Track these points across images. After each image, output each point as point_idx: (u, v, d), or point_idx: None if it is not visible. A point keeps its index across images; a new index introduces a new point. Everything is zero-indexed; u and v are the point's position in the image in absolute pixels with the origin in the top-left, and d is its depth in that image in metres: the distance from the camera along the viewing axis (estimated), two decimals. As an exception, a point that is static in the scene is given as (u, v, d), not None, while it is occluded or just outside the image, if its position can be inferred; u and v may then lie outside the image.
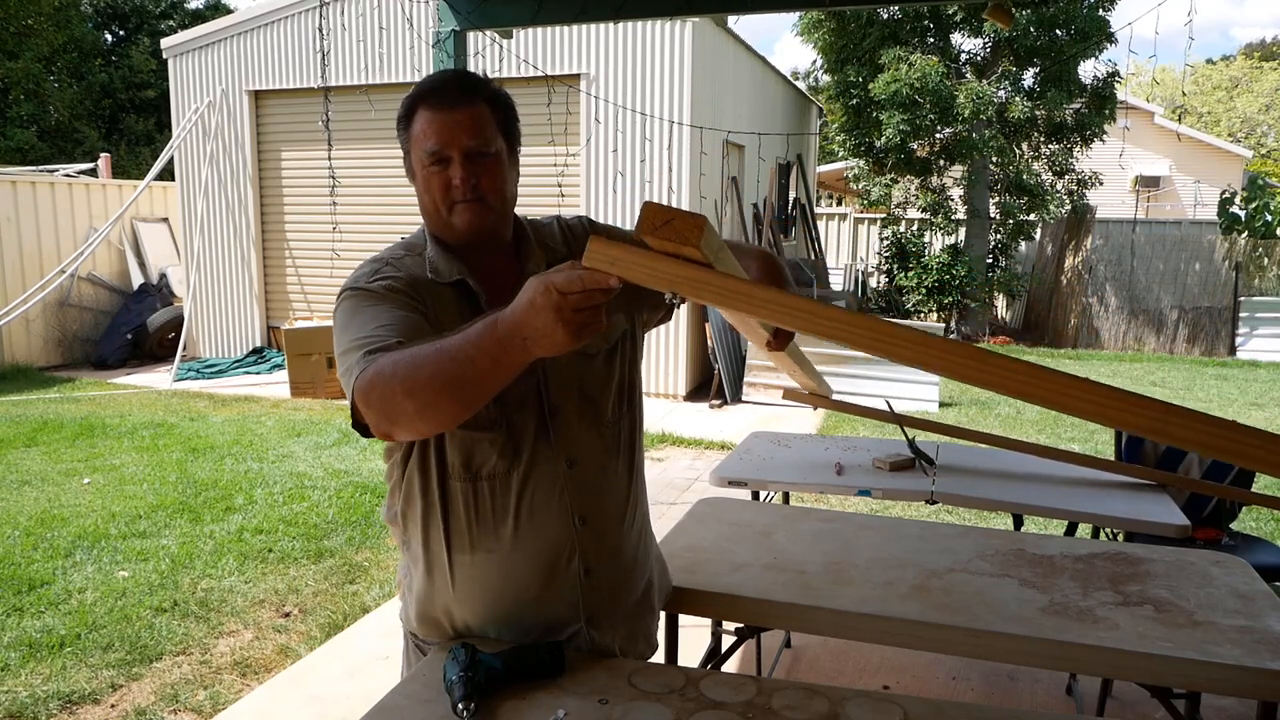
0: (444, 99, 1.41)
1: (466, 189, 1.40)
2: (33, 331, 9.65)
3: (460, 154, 1.40)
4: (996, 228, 13.20)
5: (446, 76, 1.47)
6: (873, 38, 12.41)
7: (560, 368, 1.48)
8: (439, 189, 1.42)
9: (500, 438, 1.44)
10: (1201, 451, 1.00)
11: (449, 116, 1.40)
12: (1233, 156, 20.00)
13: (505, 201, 1.46)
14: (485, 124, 1.42)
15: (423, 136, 1.41)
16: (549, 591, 1.51)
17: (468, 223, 1.43)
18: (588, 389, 1.51)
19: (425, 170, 1.42)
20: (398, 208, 9.10)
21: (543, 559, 1.49)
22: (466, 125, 1.40)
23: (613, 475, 1.56)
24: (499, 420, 1.44)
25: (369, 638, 3.49)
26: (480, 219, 1.43)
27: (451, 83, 1.44)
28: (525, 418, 1.45)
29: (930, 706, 1.46)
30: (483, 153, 1.41)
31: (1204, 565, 2.04)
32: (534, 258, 1.50)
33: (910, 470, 3.00)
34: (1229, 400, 8.61)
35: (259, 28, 9.47)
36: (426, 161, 1.41)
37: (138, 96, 20.90)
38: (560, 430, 1.48)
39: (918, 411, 7.80)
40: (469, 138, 1.40)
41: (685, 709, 1.42)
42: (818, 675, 3.12)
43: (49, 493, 5.27)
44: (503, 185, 1.45)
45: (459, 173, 1.40)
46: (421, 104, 1.42)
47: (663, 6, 4.11)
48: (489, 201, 1.43)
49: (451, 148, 1.40)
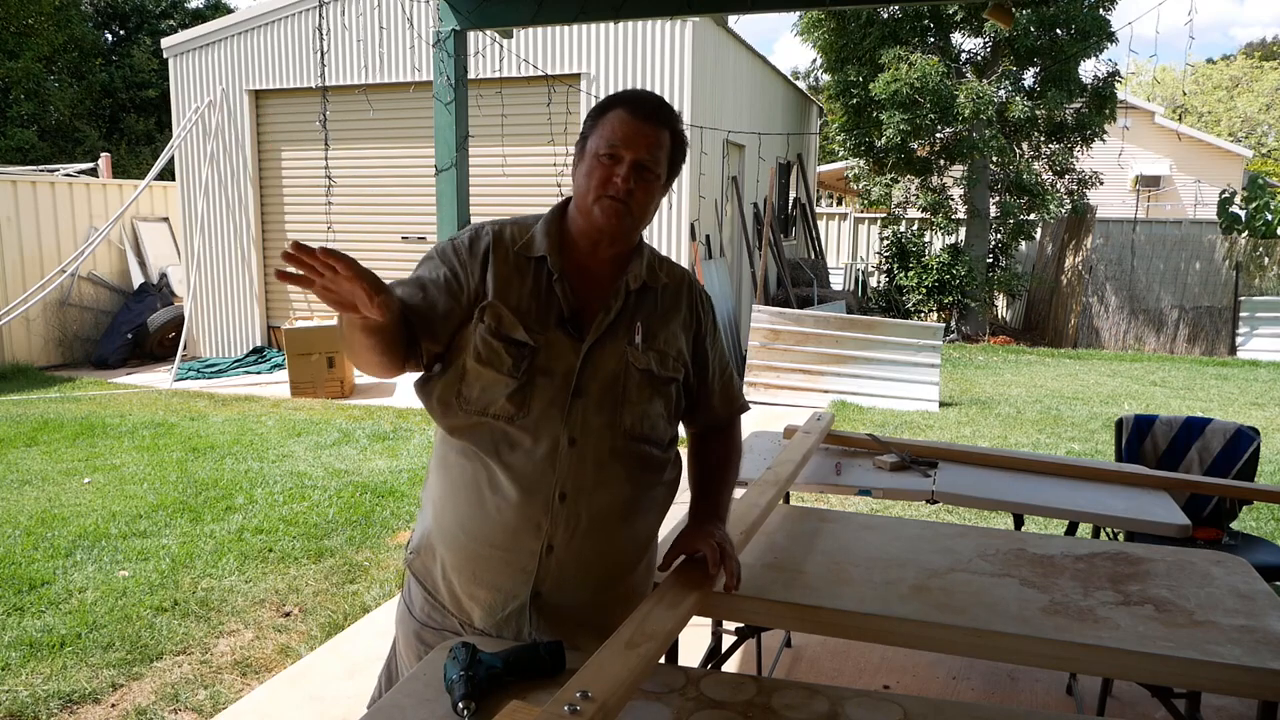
0: (641, 111, 1.56)
1: (624, 189, 1.53)
2: (33, 331, 9.65)
3: (632, 159, 1.54)
4: (997, 227, 13.20)
5: (652, 95, 1.62)
6: (873, 37, 12.41)
7: (603, 362, 1.58)
8: (599, 179, 1.55)
9: (515, 385, 1.54)
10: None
11: (639, 126, 1.55)
12: (1233, 156, 19.99)
13: (644, 216, 1.60)
14: (663, 147, 1.58)
15: (609, 131, 1.55)
16: (509, 552, 1.57)
17: (606, 218, 1.56)
18: (619, 392, 1.58)
19: (596, 158, 1.55)
20: (399, 207, 9.10)
21: (515, 517, 1.55)
22: (650, 140, 1.55)
23: (611, 477, 1.58)
24: (521, 372, 1.54)
25: (369, 638, 3.49)
26: (619, 220, 1.56)
27: (653, 101, 1.60)
28: (547, 383, 1.55)
29: (930, 706, 1.46)
30: (649, 169, 1.56)
31: (1204, 565, 2.04)
32: (635, 271, 1.63)
33: (910, 470, 3.00)
34: (1229, 400, 8.61)
35: (259, 27, 9.47)
36: (602, 150, 1.54)
37: (138, 96, 20.89)
38: (576, 410, 1.55)
39: (918, 411, 7.80)
40: (646, 151, 1.55)
41: (685, 708, 1.42)
42: (818, 675, 3.12)
43: (49, 492, 5.27)
44: (648, 202, 1.59)
45: (624, 172, 1.53)
46: (622, 105, 1.57)
47: (663, 6, 4.11)
48: (632, 209, 1.56)
49: (628, 150, 1.54)
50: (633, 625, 1.44)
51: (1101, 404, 8.30)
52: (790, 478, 2.53)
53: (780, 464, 2.58)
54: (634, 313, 1.62)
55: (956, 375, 9.61)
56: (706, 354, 1.74)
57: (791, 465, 2.59)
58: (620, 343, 1.59)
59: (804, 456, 2.78)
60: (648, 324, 1.62)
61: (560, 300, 1.58)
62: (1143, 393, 8.96)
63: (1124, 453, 3.51)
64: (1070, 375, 9.94)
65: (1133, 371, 10.36)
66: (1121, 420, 3.56)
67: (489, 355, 1.54)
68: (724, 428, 1.82)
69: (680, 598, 1.55)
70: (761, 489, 2.28)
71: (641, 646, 1.37)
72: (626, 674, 1.29)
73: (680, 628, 1.52)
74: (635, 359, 1.59)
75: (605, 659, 1.33)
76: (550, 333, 1.56)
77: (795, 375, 8.28)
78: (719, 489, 1.77)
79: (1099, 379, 9.74)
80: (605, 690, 1.24)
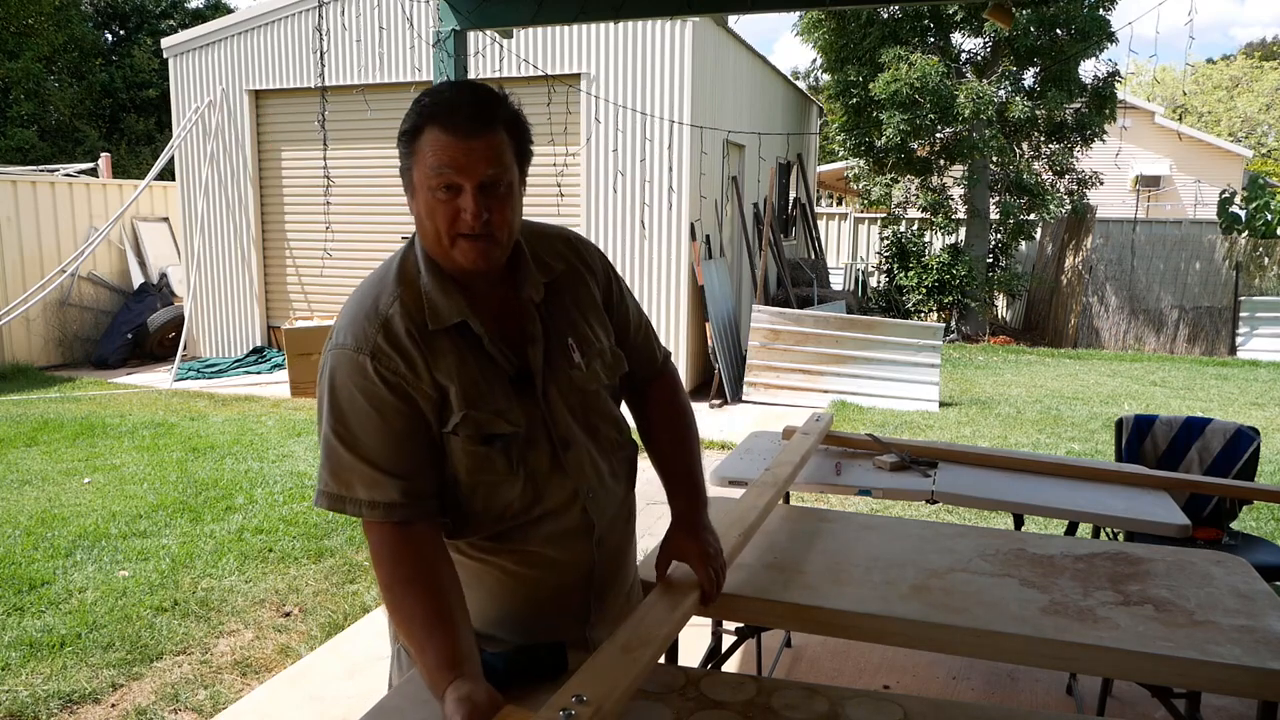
0: (459, 124, 1.30)
1: (477, 223, 1.31)
2: (33, 331, 9.65)
3: (474, 185, 1.31)
4: (996, 227, 13.20)
5: (462, 97, 1.34)
6: (873, 37, 12.41)
7: (563, 399, 1.46)
8: (444, 218, 1.33)
9: (519, 482, 1.42)
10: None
11: (464, 144, 1.30)
12: (1233, 156, 19.98)
13: (512, 235, 1.39)
14: (503, 152, 1.33)
15: (431, 158, 1.31)
16: (562, 606, 1.53)
17: (472, 260, 1.35)
18: (591, 418, 1.51)
19: (431, 195, 1.32)
20: (399, 207, 9.09)
21: (563, 580, 1.51)
22: (483, 154, 1.30)
23: (615, 494, 1.57)
24: (517, 466, 1.42)
25: (369, 638, 3.49)
26: (485, 256, 1.35)
27: (468, 105, 1.32)
28: (539, 456, 1.44)
29: (930, 706, 1.46)
30: (496, 183, 1.33)
31: (1204, 565, 2.04)
32: (530, 281, 1.45)
33: (910, 470, 3.00)
34: (1229, 400, 8.61)
35: (259, 27, 9.47)
36: (434, 184, 1.31)
37: (138, 96, 20.88)
38: (573, 462, 1.47)
39: (918, 411, 7.80)
40: (485, 167, 1.31)
41: (685, 708, 1.42)
42: (818, 675, 3.12)
43: (49, 492, 5.27)
44: (512, 219, 1.37)
45: (470, 205, 1.31)
46: (434, 124, 1.31)
47: (663, 6, 4.10)
48: (497, 238, 1.35)
49: (465, 177, 1.30)
50: (629, 628, 1.44)
51: (1101, 404, 8.29)
52: (789, 479, 2.53)
53: (779, 465, 2.58)
54: (556, 328, 1.47)
55: (956, 375, 9.61)
56: (620, 312, 1.59)
57: (790, 466, 2.59)
58: (564, 371, 1.46)
59: (803, 457, 2.78)
60: (574, 332, 1.48)
61: (502, 364, 1.41)
62: (1143, 393, 8.96)
63: (1124, 453, 3.51)
64: (1070, 375, 9.94)
65: (1133, 371, 10.35)
66: (1121, 420, 3.56)
67: (479, 464, 1.40)
68: (654, 382, 1.67)
69: (677, 601, 1.55)
70: (760, 490, 2.28)
71: (638, 650, 1.37)
72: (623, 677, 1.29)
73: (676, 631, 1.52)
74: (585, 381, 1.48)
75: (602, 662, 1.33)
76: (516, 406, 1.41)
77: (795, 375, 8.28)
78: (682, 459, 1.65)
79: (1099, 379, 9.74)
80: (601, 694, 1.23)
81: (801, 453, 2.79)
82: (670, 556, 1.62)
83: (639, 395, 1.68)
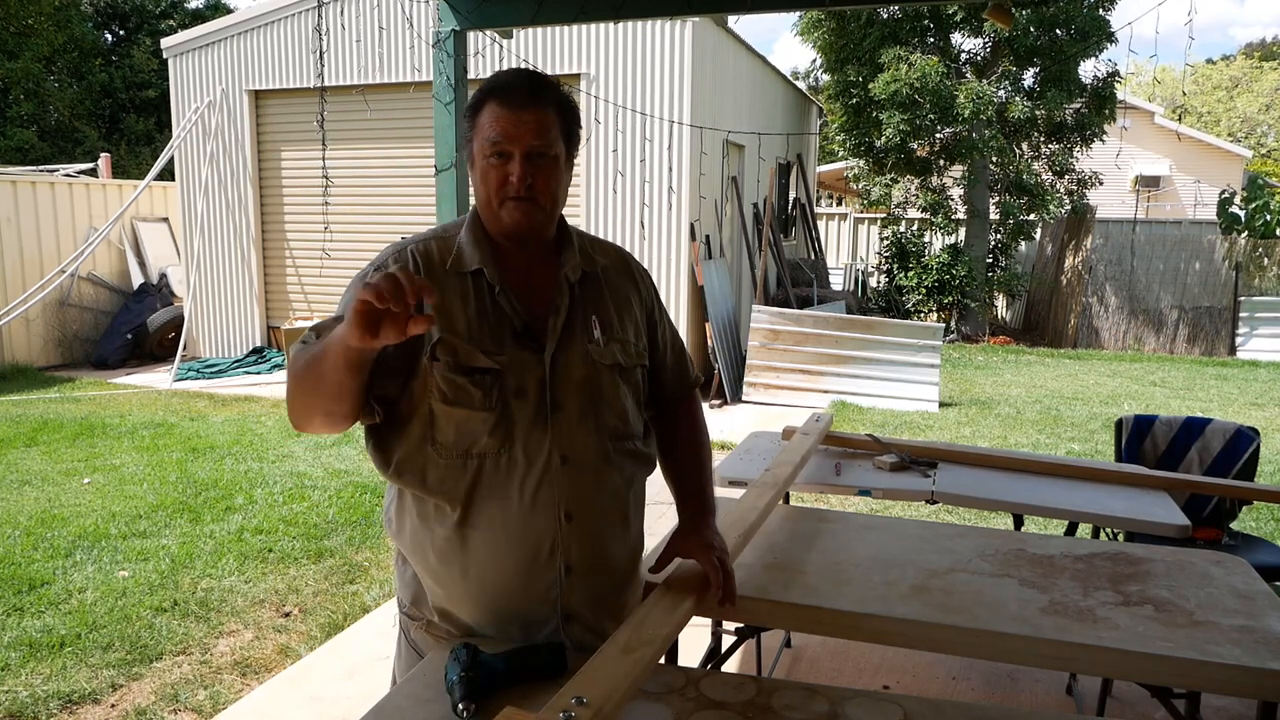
0: (514, 97, 1.46)
1: (521, 186, 1.46)
2: (33, 331, 9.65)
3: (522, 152, 1.45)
4: (996, 228, 13.20)
5: (521, 75, 1.51)
6: (873, 38, 12.41)
7: (570, 368, 1.51)
8: (495, 182, 1.48)
9: (493, 418, 1.47)
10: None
11: (517, 115, 1.45)
12: (1233, 156, 19.98)
13: (555, 203, 1.52)
14: (550, 127, 1.48)
15: (488, 129, 1.46)
16: (529, 583, 1.52)
17: (515, 220, 1.49)
18: (595, 394, 1.53)
19: (485, 161, 1.48)
20: (398, 208, 9.10)
21: (525, 548, 1.50)
22: (532, 126, 1.45)
23: (608, 484, 1.56)
24: (495, 402, 1.47)
25: (369, 638, 3.49)
26: (528, 217, 1.49)
27: (524, 82, 1.49)
28: (523, 405, 1.48)
29: (930, 706, 1.46)
30: (543, 154, 1.47)
31: (1204, 565, 2.04)
32: (571, 262, 1.56)
33: (910, 470, 3.00)
34: (1229, 400, 8.61)
35: (259, 27, 9.47)
36: (488, 152, 1.46)
37: (138, 96, 20.88)
38: (560, 426, 1.50)
39: (918, 412, 7.80)
40: (533, 138, 1.45)
41: (685, 709, 1.42)
42: (818, 675, 3.12)
43: (49, 492, 5.27)
44: (555, 187, 1.50)
45: (517, 170, 1.45)
46: (492, 98, 1.47)
47: (663, 6, 4.10)
48: (540, 202, 1.49)
49: (514, 145, 1.45)
50: (629, 629, 1.44)
51: (1101, 404, 8.30)
52: (789, 479, 2.53)
53: (779, 465, 2.58)
54: (584, 306, 1.56)
55: (956, 375, 9.62)
56: (657, 330, 1.69)
57: (790, 467, 2.59)
58: (580, 342, 1.53)
59: (802, 458, 2.78)
60: (601, 314, 1.57)
61: (509, 313, 1.50)
62: (1142, 393, 8.96)
63: (1124, 453, 3.51)
64: (1070, 375, 9.94)
65: (1132, 372, 10.36)
66: (1121, 420, 3.56)
67: (455, 394, 1.45)
68: (682, 403, 1.76)
69: (677, 602, 1.55)
70: (760, 491, 2.28)
71: (638, 651, 1.37)
72: (623, 679, 1.29)
73: (677, 632, 1.52)
74: (600, 356, 1.53)
75: (601, 663, 1.33)
76: (509, 351, 1.48)
77: (795, 375, 8.28)
78: (697, 475, 1.72)
79: (1099, 379, 9.74)
80: (601, 695, 1.23)
81: (801, 453, 2.79)
82: (673, 554, 1.64)
83: (668, 411, 1.75)
